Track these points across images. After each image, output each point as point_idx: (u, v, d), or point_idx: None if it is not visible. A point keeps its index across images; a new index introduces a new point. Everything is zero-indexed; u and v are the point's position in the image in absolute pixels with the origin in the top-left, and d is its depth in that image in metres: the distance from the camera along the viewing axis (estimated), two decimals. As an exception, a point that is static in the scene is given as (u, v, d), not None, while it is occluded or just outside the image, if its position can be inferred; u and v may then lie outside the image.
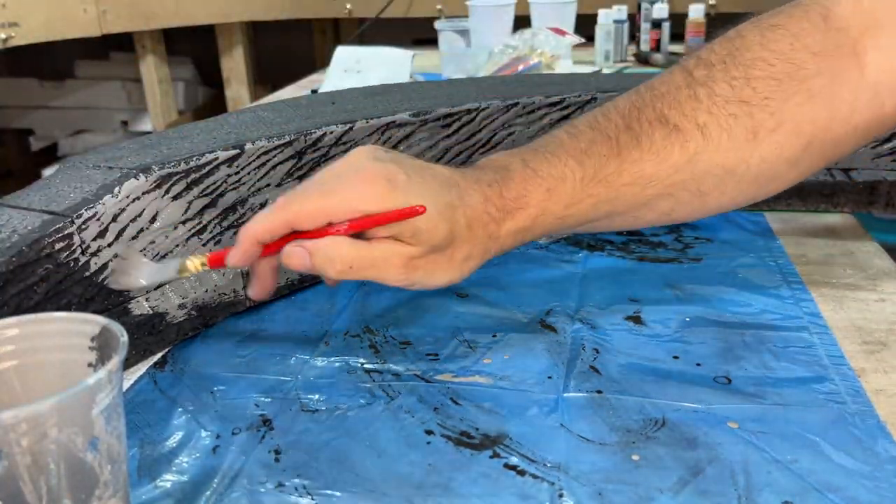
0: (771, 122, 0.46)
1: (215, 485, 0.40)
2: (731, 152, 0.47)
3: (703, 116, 0.46)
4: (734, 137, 0.46)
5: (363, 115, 0.61)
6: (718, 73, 0.47)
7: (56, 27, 1.93)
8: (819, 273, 0.61)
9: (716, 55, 0.48)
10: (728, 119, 0.46)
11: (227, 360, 0.52)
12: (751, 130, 0.46)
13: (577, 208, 0.47)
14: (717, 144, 0.46)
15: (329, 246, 0.43)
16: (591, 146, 0.47)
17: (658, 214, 0.50)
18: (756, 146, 0.47)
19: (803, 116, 0.46)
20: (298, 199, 0.43)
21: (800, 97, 0.46)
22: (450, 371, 0.49)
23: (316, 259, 0.43)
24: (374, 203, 0.42)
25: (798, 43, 0.46)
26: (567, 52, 1.38)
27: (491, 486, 0.39)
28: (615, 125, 0.48)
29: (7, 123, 2.83)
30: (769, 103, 0.46)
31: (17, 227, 0.45)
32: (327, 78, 1.37)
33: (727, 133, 0.46)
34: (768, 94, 0.46)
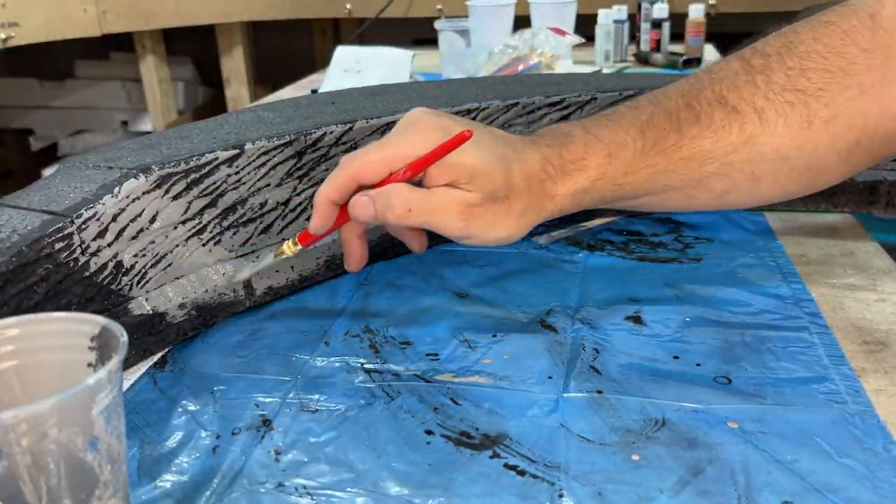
0: (825, 113, 0.47)
1: (215, 485, 0.40)
2: (786, 138, 0.48)
3: (760, 101, 0.48)
4: (790, 124, 0.48)
5: (363, 115, 0.61)
6: (774, 63, 0.48)
7: (56, 27, 1.93)
8: (819, 273, 0.61)
9: (771, 47, 0.50)
10: (784, 106, 0.48)
11: (227, 360, 0.52)
12: (806, 119, 0.48)
13: (634, 177, 0.49)
14: (774, 129, 0.48)
15: (389, 191, 0.44)
16: (651, 118, 0.49)
17: (712, 196, 0.51)
18: (811, 135, 0.48)
19: (856, 110, 0.47)
20: (360, 155, 0.46)
21: (852, 91, 0.47)
22: (450, 371, 0.49)
23: (378, 204, 0.44)
24: (429, 148, 0.44)
25: (849, 39, 0.47)
26: (567, 52, 1.38)
27: (491, 486, 0.39)
28: (675, 103, 0.49)
29: (7, 123, 2.83)
30: (823, 94, 0.47)
31: (16, 227, 0.45)
32: (327, 78, 1.37)
33: (783, 119, 0.48)
34: (822, 85, 0.47)
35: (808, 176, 0.50)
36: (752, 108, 0.48)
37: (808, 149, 0.48)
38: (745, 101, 0.48)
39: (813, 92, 0.47)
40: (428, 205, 0.45)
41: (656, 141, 0.48)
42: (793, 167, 0.49)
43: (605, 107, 0.69)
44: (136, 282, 0.51)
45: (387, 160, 0.45)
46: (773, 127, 0.48)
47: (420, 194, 0.45)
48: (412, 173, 0.45)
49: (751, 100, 0.48)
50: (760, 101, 0.48)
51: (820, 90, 0.47)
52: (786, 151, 0.48)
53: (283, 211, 0.58)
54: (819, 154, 0.48)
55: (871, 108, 0.47)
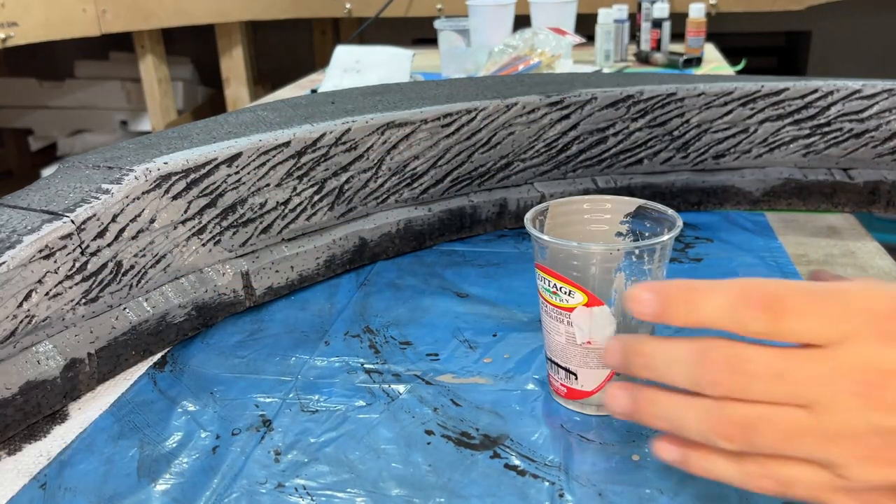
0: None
1: (215, 485, 0.40)
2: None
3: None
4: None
5: (363, 115, 0.61)
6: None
7: (55, 27, 1.93)
8: (819, 273, 0.61)
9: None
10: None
11: (226, 360, 0.52)
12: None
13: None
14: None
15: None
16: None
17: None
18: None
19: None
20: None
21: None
22: (450, 371, 0.49)
23: None
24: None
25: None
26: (567, 51, 1.38)
27: (491, 486, 0.39)
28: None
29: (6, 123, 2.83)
30: None
31: (16, 227, 0.45)
32: (327, 77, 1.37)
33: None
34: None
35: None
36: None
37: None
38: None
39: None
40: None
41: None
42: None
43: (605, 107, 0.69)
44: (136, 282, 0.50)
45: None
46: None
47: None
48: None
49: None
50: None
51: None
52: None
53: (282, 211, 0.58)
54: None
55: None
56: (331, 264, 0.62)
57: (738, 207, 0.74)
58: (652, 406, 0.32)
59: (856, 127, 0.70)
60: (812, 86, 0.70)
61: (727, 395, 0.29)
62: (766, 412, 0.28)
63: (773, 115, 0.71)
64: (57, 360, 0.46)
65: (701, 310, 0.29)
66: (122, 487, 0.40)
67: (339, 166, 0.60)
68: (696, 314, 0.29)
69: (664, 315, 0.30)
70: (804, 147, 0.72)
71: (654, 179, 0.73)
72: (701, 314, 0.29)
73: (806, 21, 2.58)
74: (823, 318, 0.28)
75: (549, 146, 0.70)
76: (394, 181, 0.64)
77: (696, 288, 0.30)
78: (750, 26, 2.48)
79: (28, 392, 0.44)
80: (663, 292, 0.30)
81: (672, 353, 0.30)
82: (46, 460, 0.42)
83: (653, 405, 0.32)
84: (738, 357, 0.28)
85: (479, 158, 0.68)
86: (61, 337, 0.46)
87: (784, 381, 0.28)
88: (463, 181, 0.68)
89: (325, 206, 0.61)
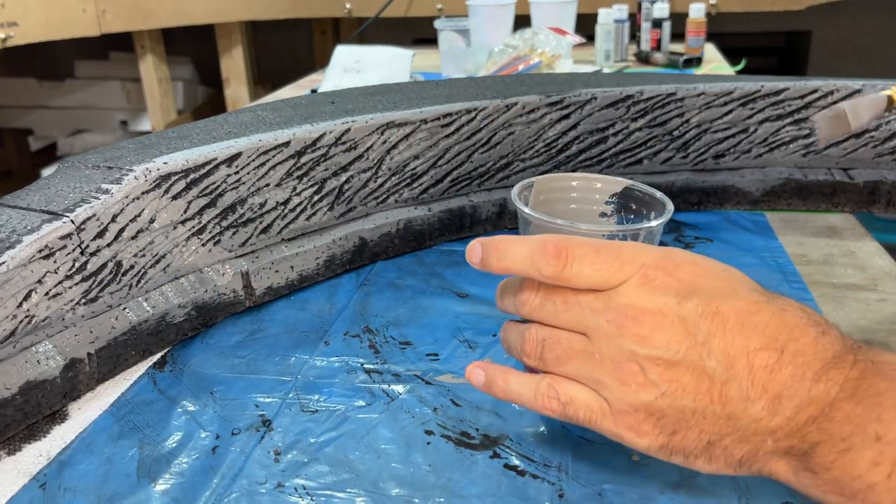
0: None
1: (215, 485, 0.40)
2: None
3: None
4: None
5: (363, 115, 0.61)
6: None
7: (55, 27, 1.93)
8: (820, 273, 0.61)
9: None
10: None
11: (226, 360, 0.52)
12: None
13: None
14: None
15: None
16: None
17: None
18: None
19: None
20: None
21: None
22: (450, 371, 0.49)
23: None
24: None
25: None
26: (567, 51, 1.38)
27: (491, 486, 0.39)
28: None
29: (6, 123, 2.83)
30: None
31: (16, 227, 0.45)
32: (326, 77, 1.37)
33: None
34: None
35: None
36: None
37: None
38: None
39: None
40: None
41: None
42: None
43: (605, 107, 0.69)
44: (136, 282, 0.50)
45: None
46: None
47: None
48: None
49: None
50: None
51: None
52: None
53: (282, 211, 0.58)
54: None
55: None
56: (331, 264, 0.62)
57: (738, 207, 0.74)
58: (502, 333, 0.40)
59: (856, 127, 0.70)
60: (812, 86, 0.70)
61: (531, 313, 0.37)
62: (553, 333, 0.36)
63: (773, 115, 0.71)
64: (57, 360, 0.46)
65: (507, 257, 0.36)
66: (121, 487, 0.40)
67: (339, 166, 0.60)
68: (504, 261, 0.36)
69: (484, 262, 0.37)
70: (804, 147, 0.72)
71: (654, 179, 0.73)
72: (506, 260, 0.36)
73: (806, 21, 2.58)
74: (602, 266, 0.34)
75: (549, 146, 0.70)
76: (394, 181, 0.64)
77: (509, 240, 0.36)
78: (750, 26, 2.48)
79: (28, 392, 0.44)
80: (485, 242, 0.37)
81: (509, 285, 0.39)
82: (46, 460, 0.42)
83: (501, 331, 0.40)
84: (544, 287, 0.36)
85: (478, 158, 0.68)
86: (61, 337, 0.46)
87: (570, 309, 0.35)
88: (463, 181, 0.68)
89: (325, 206, 0.61)
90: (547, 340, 0.36)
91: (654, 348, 0.32)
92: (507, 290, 0.39)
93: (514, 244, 0.36)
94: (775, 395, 0.31)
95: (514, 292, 0.38)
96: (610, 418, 0.34)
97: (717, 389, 0.32)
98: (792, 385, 0.31)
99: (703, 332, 0.32)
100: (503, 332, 0.40)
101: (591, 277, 0.34)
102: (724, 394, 0.32)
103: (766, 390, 0.31)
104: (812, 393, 0.31)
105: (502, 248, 0.36)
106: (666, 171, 0.74)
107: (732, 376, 0.32)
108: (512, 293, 0.38)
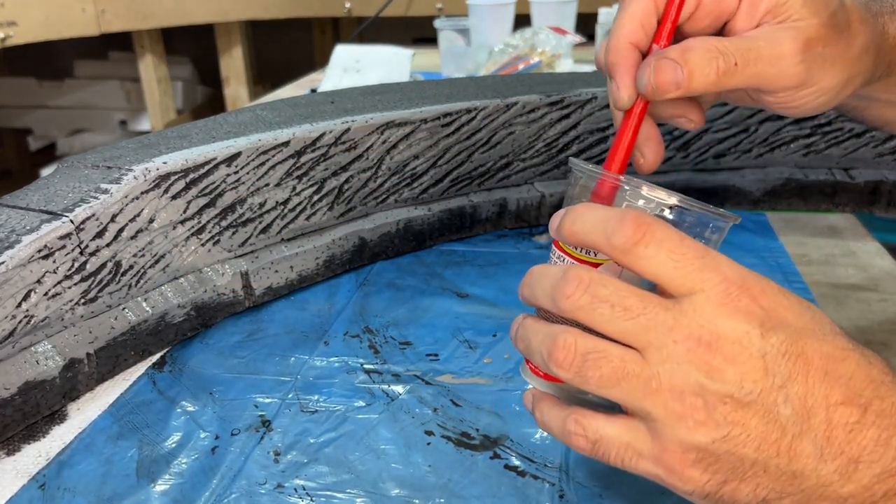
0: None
1: (214, 486, 0.39)
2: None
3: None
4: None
5: (362, 115, 0.61)
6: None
7: (54, 26, 1.93)
8: (821, 273, 0.60)
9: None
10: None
11: (226, 360, 0.51)
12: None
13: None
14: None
15: (698, 46, 0.33)
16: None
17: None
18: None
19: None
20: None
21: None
22: (450, 372, 0.49)
23: (691, 61, 0.33)
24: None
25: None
26: (568, 51, 1.37)
27: (491, 486, 0.39)
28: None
29: (5, 123, 2.82)
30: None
31: (15, 227, 0.45)
32: (326, 77, 1.36)
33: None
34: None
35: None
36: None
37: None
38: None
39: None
40: (755, 52, 0.33)
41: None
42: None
43: (606, 106, 0.69)
44: (135, 282, 0.50)
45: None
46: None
47: (741, 41, 0.34)
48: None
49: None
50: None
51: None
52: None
53: (282, 211, 0.58)
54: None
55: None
56: (330, 264, 0.62)
57: (739, 207, 0.74)
58: (520, 329, 0.33)
59: (856, 126, 0.70)
60: (813, 85, 0.70)
61: (575, 312, 0.30)
62: (601, 346, 0.29)
63: (774, 114, 0.71)
64: (56, 360, 0.46)
65: (580, 219, 0.30)
66: (121, 488, 0.40)
67: (339, 166, 0.60)
68: (576, 224, 0.31)
69: (559, 228, 0.31)
70: (805, 147, 0.72)
71: (655, 179, 0.73)
72: (577, 224, 0.30)
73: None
74: (681, 260, 0.29)
75: (550, 146, 0.70)
76: (393, 181, 0.64)
77: (591, 206, 0.31)
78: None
79: (27, 392, 0.44)
80: (567, 209, 0.31)
81: (547, 271, 0.32)
82: (45, 461, 0.42)
83: (519, 328, 0.34)
84: (593, 279, 0.29)
85: (478, 158, 0.67)
86: (60, 337, 0.46)
87: (627, 314, 0.29)
88: (463, 181, 0.68)
89: (325, 206, 0.61)
90: (591, 355, 0.29)
91: (726, 383, 0.28)
92: (542, 277, 0.32)
93: (593, 209, 0.31)
94: (852, 459, 0.28)
95: (554, 281, 0.31)
96: (648, 458, 0.30)
97: (787, 442, 0.28)
98: (874, 450, 0.27)
99: (783, 373, 0.28)
100: (519, 329, 0.34)
101: (664, 266, 0.29)
102: (793, 448, 0.28)
103: (842, 451, 0.28)
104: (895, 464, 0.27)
105: (580, 212, 0.31)
106: (666, 171, 0.73)
107: (807, 429, 0.28)
108: (549, 280, 0.31)
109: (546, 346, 0.31)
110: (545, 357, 0.31)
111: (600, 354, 0.29)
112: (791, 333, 0.28)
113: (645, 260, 0.29)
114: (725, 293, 0.28)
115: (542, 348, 0.31)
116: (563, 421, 0.32)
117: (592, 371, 0.29)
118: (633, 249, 0.29)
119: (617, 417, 0.30)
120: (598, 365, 0.29)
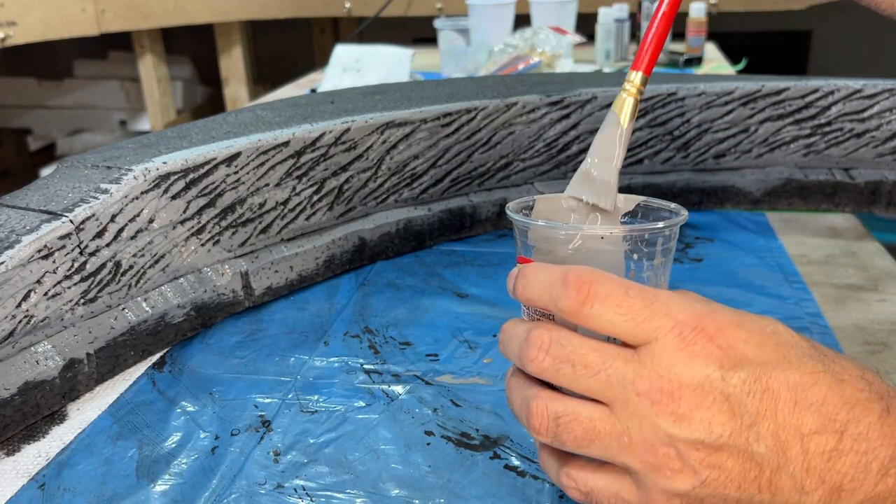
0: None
1: (214, 486, 0.39)
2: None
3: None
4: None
5: (362, 115, 0.61)
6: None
7: (54, 26, 1.93)
8: (820, 273, 0.60)
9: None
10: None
11: (225, 360, 0.51)
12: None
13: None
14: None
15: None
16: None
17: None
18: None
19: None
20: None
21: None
22: (450, 372, 0.49)
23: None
24: None
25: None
26: (567, 51, 1.37)
27: (491, 487, 0.39)
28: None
29: (5, 123, 2.82)
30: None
31: (15, 227, 0.45)
32: (326, 77, 1.36)
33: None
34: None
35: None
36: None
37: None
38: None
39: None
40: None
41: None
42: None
43: (606, 106, 0.69)
44: (135, 282, 0.50)
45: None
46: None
47: None
48: None
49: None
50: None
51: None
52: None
53: (282, 211, 0.58)
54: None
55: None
56: (330, 264, 0.62)
57: (739, 207, 0.74)
58: (507, 387, 0.34)
59: (857, 127, 0.70)
60: (812, 85, 0.70)
61: (541, 374, 0.30)
62: (570, 407, 0.30)
63: (774, 114, 0.71)
64: (56, 360, 0.45)
65: (530, 285, 0.31)
66: (121, 488, 0.40)
67: (339, 166, 0.60)
68: (527, 289, 0.32)
69: (513, 291, 0.33)
70: (805, 147, 0.72)
71: (655, 179, 0.73)
72: (528, 290, 0.31)
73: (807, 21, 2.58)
74: (629, 313, 0.29)
75: (550, 146, 0.70)
76: (393, 181, 0.64)
77: (538, 267, 0.32)
78: (751, 25, 2.48)
79: (27, 392, 0.44)
80: (518, 271, 0.33)
81: (515, 330, 0.33)
82: (45, 461, 0.42)
83: (506, 386, 0.34)
84: (553, 339, 0.30)
85: (478, 158, 0.67)
86: (60, 337, 0.46)
87: (588, 372, 0.29)
88: (463, 181, 0.68)
89: (325, 206, 0.61)
90: (563, 418, 0.30)
91: (694, 430, 0.28)
92: (511, 338, 0.32)
93: (539, 272, 0.31)
94: (835, 488, 0.27)
95: (519, 342, 0.31)
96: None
97: (766, 478, 0.28)
98: (854, 477, 0.27)
99: (751, 412, 0.28)
100: (507, 387, 0.34)
101: (613, 323, 0.29)
102: (773, 483, 0.28)
103: (823, 481, 0.27)
104: (878, 489, 0.27)
105: (528, 276, 0.32)
106: (666, 171, 0.73)
107: (784, 463, 0.28)
108: (517, 342, 0.32)
109: (524, 411, 0.31)
110: (524, 422, 0.32)
111: (570, 417, 0.30)
112: (753, 370, 0.28)
113: (594, 319, 0.29)
114: (680, 338, 0.28)
115: (521, 413, 0.32)
116: (557, 473, 0.32)
117: (566, 434, 0.30)
118: (579, 311, 0.29)
119: (605, 469, 0.31)
120: (570, 428, 0.30)
